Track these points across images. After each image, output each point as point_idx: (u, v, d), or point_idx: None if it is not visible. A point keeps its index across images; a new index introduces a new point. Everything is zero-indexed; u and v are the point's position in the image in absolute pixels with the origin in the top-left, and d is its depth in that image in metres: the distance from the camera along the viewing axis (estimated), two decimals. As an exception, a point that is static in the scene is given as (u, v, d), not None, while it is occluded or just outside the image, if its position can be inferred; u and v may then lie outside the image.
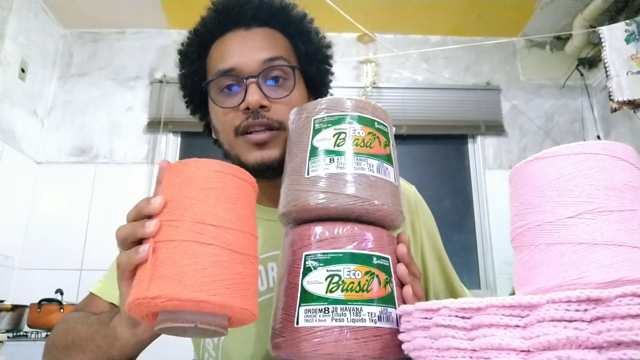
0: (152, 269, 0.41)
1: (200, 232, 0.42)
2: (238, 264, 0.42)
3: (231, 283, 0.41)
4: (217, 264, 0.41)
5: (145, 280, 0.40)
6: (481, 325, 0.37)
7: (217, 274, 0.40)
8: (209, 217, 0.42)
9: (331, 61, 0.81)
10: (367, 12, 2.83)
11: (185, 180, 0.45)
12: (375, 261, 0.51)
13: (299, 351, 0.48)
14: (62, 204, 2.70)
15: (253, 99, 0.67)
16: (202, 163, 0.45)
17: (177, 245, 0.41)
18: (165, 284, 0.39)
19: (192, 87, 0.78)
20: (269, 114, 0.69)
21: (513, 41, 3.08)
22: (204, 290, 0.39)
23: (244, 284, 0.42)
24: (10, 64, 2.49)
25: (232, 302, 0.40)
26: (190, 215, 0.42)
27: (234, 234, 0.43)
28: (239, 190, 0.46)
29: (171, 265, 0.40)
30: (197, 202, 0.43)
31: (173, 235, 0.42)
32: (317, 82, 0.79)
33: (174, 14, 2.88)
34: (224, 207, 0.44)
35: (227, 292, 0.40)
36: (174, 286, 0.39)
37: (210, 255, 0.41)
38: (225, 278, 0.41)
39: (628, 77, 2.20)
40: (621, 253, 0.38)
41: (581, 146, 0.42)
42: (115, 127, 2.85)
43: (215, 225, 0.42)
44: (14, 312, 2.24)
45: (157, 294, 0.39)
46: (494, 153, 2.90)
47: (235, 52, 0.71)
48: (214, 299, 0.39)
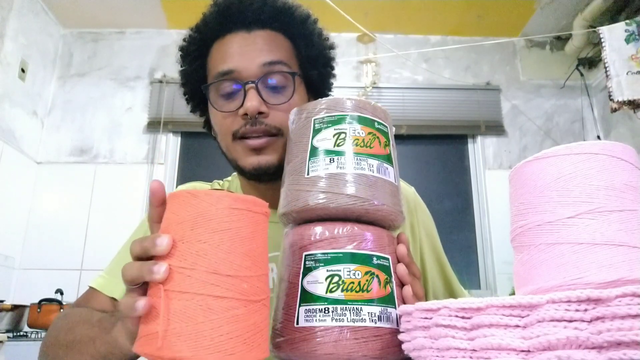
0: (165, 324, 0.38)
1: (215, 283, 0.39)
2: (254, 314, 0.41)
3: (248, 337, 0.40)
4: (234, 319, 0.39)
5: (159, 338, 0.38)
6: (481, 325, 0.37)
7: (234, 331, 0.39)
8: (224, 265, 0.40)
9: (333, 63, 0.80)
10: (367, 12, 2.83)
11: (196, 218, 0.41)
12: (375, 261, 0.51)
13: (299, 351, 0.48)
14: (62, 204, 2.70)
15: (251, 106, 0.67)
16: (216, 199, 0.42)
17: (191, 298, 0.39)
18: (180, 344, 0.38)
19: (192, 86, 0.78)
20: (267, 120, 0.69)
21: (513, 41, 3.08)
22: (221, 350, 0.38)
23: (258, 333, 0.41)
24: (10, 64, 2.49)
25: (247, 356, 0.39)
26: (205, 263, 0.40)
27: (249, 282, 0.41)
28: (255, 227, 0.43)
29: (185, 322, 0.38)
30: (210, 248, 0.40)
31: (186, 286, 0.39)
32: (318, 85, 0.78)
33: (174, 14, 2.88)
34: (240, 252, 0.41)
35: (244, 348, 0.39)
36: (189, 347, 0.37)
37: (226, 309, 0.39)
38: (241, 334, 0.39)
39: (628, 77, 2.20)
40: (621, 253, 0.38)
41: (581, 146, 0.42)
42: (115, 127, 2.85)
43: (230, 275, 0.40)
44: (14, 312, 2.25)
45: (172, 356, 0.37)
46: (494, 153, 2.90)
47: (235, 55, 0.70)
48: (230, 358, 0.38)
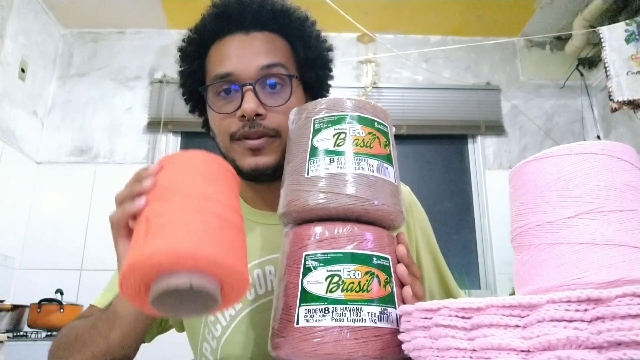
0: (145, 236, 0.41)
1: (191, 203, 0.43)
2: (229, 231, 0.43)
3: (222, 243, 0.42)
4: (210, 228, 0.42)
5: (139, 246, 0.41)
6: (481, 325, 0.37)
7: (209, 234, 0.41)
8: (198, 192, 0.45)
9: (331, 65, 0.80)
10: (367, 12, 2.83)
11: (174, 168, 0.48)
12: (375, 261, 0.51)
13: (298, 351, 0.48)
14: (62, 204, 2.70)
15: (249, 107, 0.67)
16: (188, 154, 0.49)
17: (169, 214, 0.43)
18: (160, 243, 0.40)
19: (190, 86, 0.78)
20: (265, 122, 0.69)
21: (513, 41, 3.08)
22: (198, 244, 0.40)
23: (234, 248, 0.43)
24: (10, 64, 2.49)
25: (223, 257, 0.40)
26: (181, 192, 0.45)
27: (222, 207, 0.45)
28: (224, 176, 0.49)
29: (164, 229, 0.41)
30: (187, 183, 0.46)
31: (165, 208, 0.44)
32: (316, 86, 0.79)
33: (174, 14, 2.88)
34: (212, 187, 0.46)
35: (219, 249, 0.41)
36: (168, 243, 0.40)
37: (201, 221, 0.42)
38: (217, 238, 0.42)
39: (628, 77, 2.20)
40: (621, 253, 0.38)
41: (581, 146, 0.42)
42: (115, 127, 2.85)
43: (204, 197, 0.44)
44: (14, 312, 2.24)
45: (151, 252, 0.39)
46: (494, 153, 2.90)
47: (233, 57, 0.70)
48: (208, 251, 0.40)
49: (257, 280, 0.73)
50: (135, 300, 0.43)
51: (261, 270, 0.74)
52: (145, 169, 0.49)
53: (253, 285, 0.73)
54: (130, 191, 0.48)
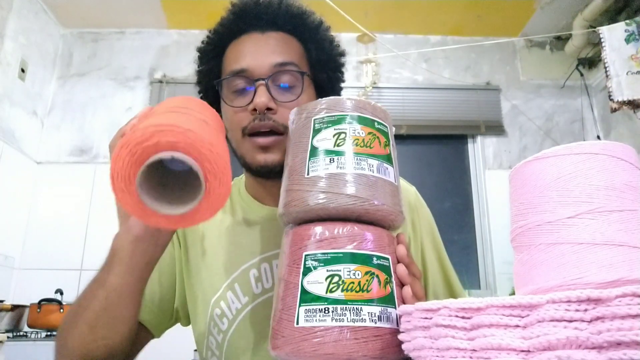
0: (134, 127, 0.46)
1: (185, 112, 0.48)
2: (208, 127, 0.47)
3: (203, 129, 0.45)
4: (192, 121, 0.46)
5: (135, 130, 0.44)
6: (481, 325, 0.37)
7: (190, 122, 0.45)
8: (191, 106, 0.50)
9: (343, 69, 0.83)
10: (367, 12, 2.83)
11: (162, 104, 0.52)
12: (375, 261, 0.51)
13: (298, 351, 0.48)
14: (62, 204, 2.70)
15: (260, 101, 0.69)
16: (177, 97, 0.55)
17: (154, 116, 0.47)
18: (145, 123, 0.44)
19: (206, 85, 0.81)
20: (276, 117, 0.71)
21: (513, 41, 3.08)
22: (177, 121, 0.44)
23: (215, 138, 0.45)
24: (10, 64, 2.49)
25: (203, 138, 0.43)
26: (166, 107, 0.50)
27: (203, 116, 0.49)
28: (211, 114, 0.53)
29: (149, 118, 0.46)
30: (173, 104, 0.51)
31: (153, 120, 0.46)
32: (327, 89, 0.80)
33: (174, 14, 2.88)
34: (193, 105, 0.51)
35: (200, 132, 0.44)
36: (151, 121, 0.44)
37: (184, 117, 0.46)
38: (197, 125, 0.45)
39: (628, 77, 2.20)
40: (621, 253, 0.38)
41: (581, 146, 0.42)
42: (115, 127, 2.79)
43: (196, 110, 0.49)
44: (14, 312, 2.25)
45: (134, 131, 0.43)
46: (494, 153, 2.90)
47: (248, 54, 0.73)
48: (186, 125, 0.43)
49: (264, 274, 0.75)
50: (124, 195, 0.44)
51: (268, 264, 0.75)
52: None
53: (259, 279, 0.74)
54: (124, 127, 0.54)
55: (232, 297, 0.74)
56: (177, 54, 2.95)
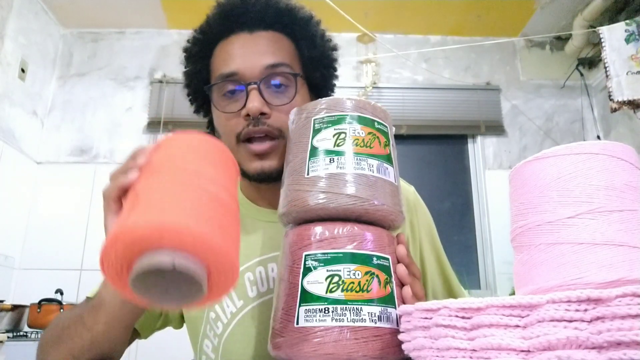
0: (131, 208, 0.39)
1: (182, 176, 0.41)
2: (221, 211, 0.40)
3: (212, 222, 0.38)
4: (200, 205, 0.39)
5: (124, 217, 0.38)
6: (481, 325, 0.37)
7: (198, 211, 0.38)
8: (191, 167, 0.43)
9: (336, 64, 0.80)
10: (367, 12, 2.83)
11: (169, 146, 0.46)
12: (375, 261, 0.51)
13: (299, 351, 0.48)
14: (62, 204, 2.70)
15: (253, 106, 0.67)
16: (188, 133, 0.47)
17: (158, 187, 0.41)
18: (146, 214, 0.37)
19: (195, 86, 0.78)
20: (270, 121, 0.69)
21: (513, 41, 3.08)
22: (185, 217, 0.37)
23: (225, 230, 0.39)
24: (10, 64, 2.49)
25: (211, 237, 0.37)
26: (173, 166, 0.43)
27: (216, 187, 0.42)
28: (223, 159, 0.47)
29: (151, 201, 0.39)
30: (180, 159, 0.44)
31: (155, 182, 0.42)
32: (321, 86, 0.79)
33: (174, 14, 2.88)
34: (207, 166, 0.44)
35: (207, 228, 0.37)
36: (153, 214, 0.37)
37: (191, 197, 0.40)
38: (206, 217, 0.38)
39: (628, 77, 2.20)
40: (621, 253, 0.38)
41: (581, 146, 0.42)
42: (115, 127, 2.85)
43: (197, 174, 0.42)
44: (14, 312, 2.25)
45: (134, 222, 0.37)
46: (494, 153, 2.90)
47: (237, 56, 0.70)
48: (195, 226, 0.36)
49: (259, 277, 0.73)
50: (115, 281, 0.39)
51: (263, 268, 0.74)
52: (141, 147, 0.49)
53: (254, 283, 0.73)
54: (124, 167, 0.47)
55: (226, 301, 0.73)
56: (177, 54, 2.91)
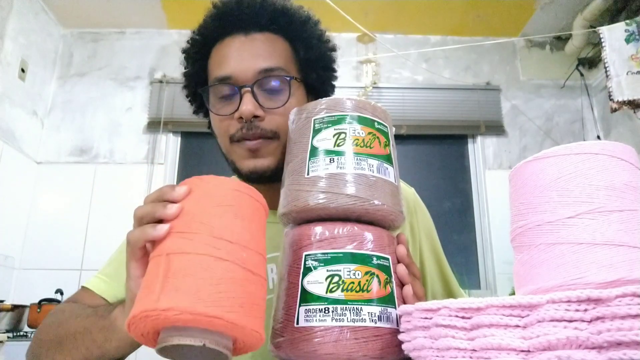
0: (165, 280, 0.38)
1: (217, 247, 0.40)
2: (251, 284, 0.41)
3: (244, 302, 0.39)
4: (232, 281, 0.39)
5: (156, 292, 0.38)
6: (481, 325, 0.37)
7: (232, 291, 0.39)
8: (226, 233, 0.42)
9: (335, 66, 0.80)
10: (367, 12, 2.83)
11: (202, 195, 0.45)
12: (375, 261, 0.51)
13: (299, 351, 0.48)
14: (62, 204, 2.70)
15: (246, 109, 0.67)
16: (220, 180, 0.46)
17: (193, 258, 0.40)
18: (179, 297, 0.37)
19: (193, 88, 0.79)
20: (263, 124, 0.69)
21: (513, 41, 3.07)
22: (218, 306, 0.37)
23: (255, 305, 0.41)
24: (10, 64, 2.49)
25: (244, 322, 0.38)
26: (207, 229, 0.41)
27: (248, 253, 0.42)
28: (254, 211, 0.46)
29: (185, 277, 0.38)
30: (214, 218, 0.42)
31: (188, 247, 0.41)
32: (318, 88, 0.78)
33: (174, 14, 2.88)
34: (240, 225, 0.43)
35: (241, 311, 0.38)
36: (188, 299, 0.37)
37: (225, 271, 0.40)
38: (239, 296, 0.39)
39: (628, 77, 2.20)
40: (621, 253, 0.38)
41: (581, 146, 0.42)
42: (115, 127, 2.85)
43: (231, 242, 0.41)
44: (14, 312, 2.25)
45: (169, 306, 0.37)
46: (494, 153, 2.90)
47: (232, 59, 0.70)
48: (228, 316, 0.37)
49: None
50: (140, 339, 0.41)
51: None
52: (171, 187, 0.47)
53: None
54: (152, 211, 0.46)
55: None
56: (177, 54, 2.89)
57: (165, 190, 0.47)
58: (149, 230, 0.44)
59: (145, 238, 0.45)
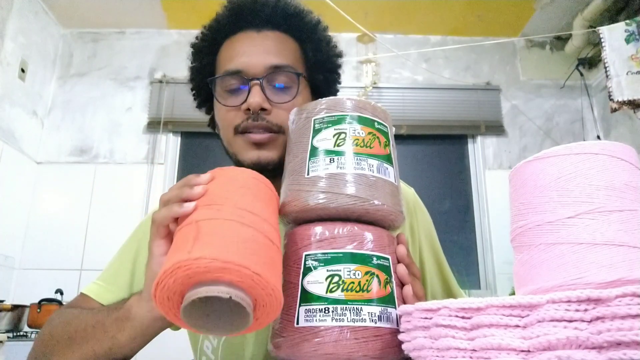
0: (195, 240, 0.41)
1: (241, 215, 0.44)
2: (272, 251, 0.44)
3: (268, 262, 0.42)
4: (257, 243, 0.43)
5: (188, 247, 0.40)
6: (481, 325, 0.37)
7: (257, 250, 0.42)
8: (248, 206, 0.46)
9: (340, 70, 0.81)
10: (367, 12, 2.83)
11: (224, 180, 0.50)
12: (375, 261, 0.51)
13: (299, 351, 0.48)
14: (62, 204, 2.70)
15: (254, 101, 0.68)
16: (240, 169, 0.52)
17: (221, 222, 0.44)
18: (210, 248, 0.40)
19: (200, 82, 0.79)
20: (269, 117, 0.70)
21: (513, 41, 3.08)
22: (246, 258, 0.40)
23: (277, 269, 0.44)
24: (10, 64, 2.49)
25: (269, 276, 0.40)
26: (232, 202, 0.46)
27: (268, 226, 0.46)
28: (270, 197, 0.51)
29: (214, 235, 0.42)
30: (236, 195, 0.47)
31: (216, 215, 0.45)
32: (323, 90, 0.79)
33: (174, 14, 2.88)
34: (260, 204, 0.48)
35: (265, 267, 0.41)
36: (218, 249, 0.40)
37: (250, 235, 0.43)
38: (263, 256, 0.42)
39: (628, 77, 2.20)
40: (621, 253, 0.38)
41: (581, 146, 0.42)
42: (115, 127, 2.85)
43: (254, 213, 0.45)
44: (14, 312, 2.25)
45: (200, 255, 0.39)
46: (494, 153, 2.90)
47: (243, 54, 0.72)
48: (255, 267, 0.39)
49: None
50: (164, 306, 0.42)
51: None
52: (196, 175, 0.50)
53: None
54: (179, 194, 0.49)
55: None
56: (177, 54, 2.95)
57: (190, 177, 0.51)
58: (176, 208, 0.47)
59: (173, 214, 0.47)
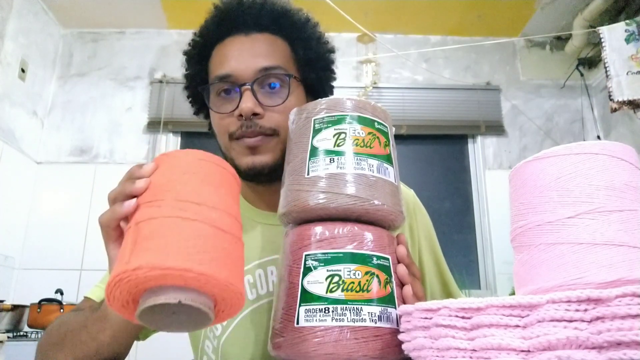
0: (134, 246, 0.39)
1: (183, 209, 0.41)
2: (223, 241, 0.41)
3: (216, 256, 0.39)
4: (202, 238, 0.39)
5: (127, 256, 0.38)
6: (481, 325, 0.37)
7: (202, 246, 0.39)
8: (191, 196, 0.42)
9: (333, 67, 0.81)
10: (367, 12, 2.83)
11: (168, 167, 0.46)
12: (376, 261, 0.51)
13: (299, 351, 0.48)
14: (62, 204, 2.70)
15: (246, 107, 0.68)
16: (185, 152, 0.46)
17: (160, 221, 0.40)
18: (148, 255, 0.37)
19: (194, 88, 0.79)
20: (262, 122, 0.70)
21: (513, 41, 3.07)
22: (188, 259, 0.37)
23: (229, 259, 0.40)
24: (10, 64, 2.49)
25: (217, 273, 0.38)
26: (172, 195, 0.42)
27: (218, 213, 0.42)
28: (222, 178, 0.46)
29: (153, 239, 0.39)
30: (179, 184, 0.43)
31: (155, 213, 0.41)
32: (317, 88, 0.79)
33: (174, 14, 2.88)
34: (207, 190, 0.44)
35: (212, 264, 0.38)
36: (156, 256, 0.37)
37: (194, 229, 0.40)
38: (209, 251, 0.39)
39: (628, 77, 2.20)
40: (621, 253, 0.38)
41: (581, 146, 0.42)
42: (115, 127, 2.85)
43: (198, 203, 0.42)
44: (14, 312, 2.24)
45: (138, 265, 0.37)
46: (494, 153, 2.90)
47: (232, 59, 0.71)
48: (198, 268, 0.37)
49: (258, 280, 0.73)
50: (122, 312, 0.41)
51: (262, 271, 0.74)
52: (139, 166, 0.48)
53: (254, 285, 0.73)
54: (122, 190, 0.46)
55: None
56: (177, 54, 2.92)
57: (133, 169, 0.48)
58: (118, 208, 0.45)
59: (116, 216, 0.46)
